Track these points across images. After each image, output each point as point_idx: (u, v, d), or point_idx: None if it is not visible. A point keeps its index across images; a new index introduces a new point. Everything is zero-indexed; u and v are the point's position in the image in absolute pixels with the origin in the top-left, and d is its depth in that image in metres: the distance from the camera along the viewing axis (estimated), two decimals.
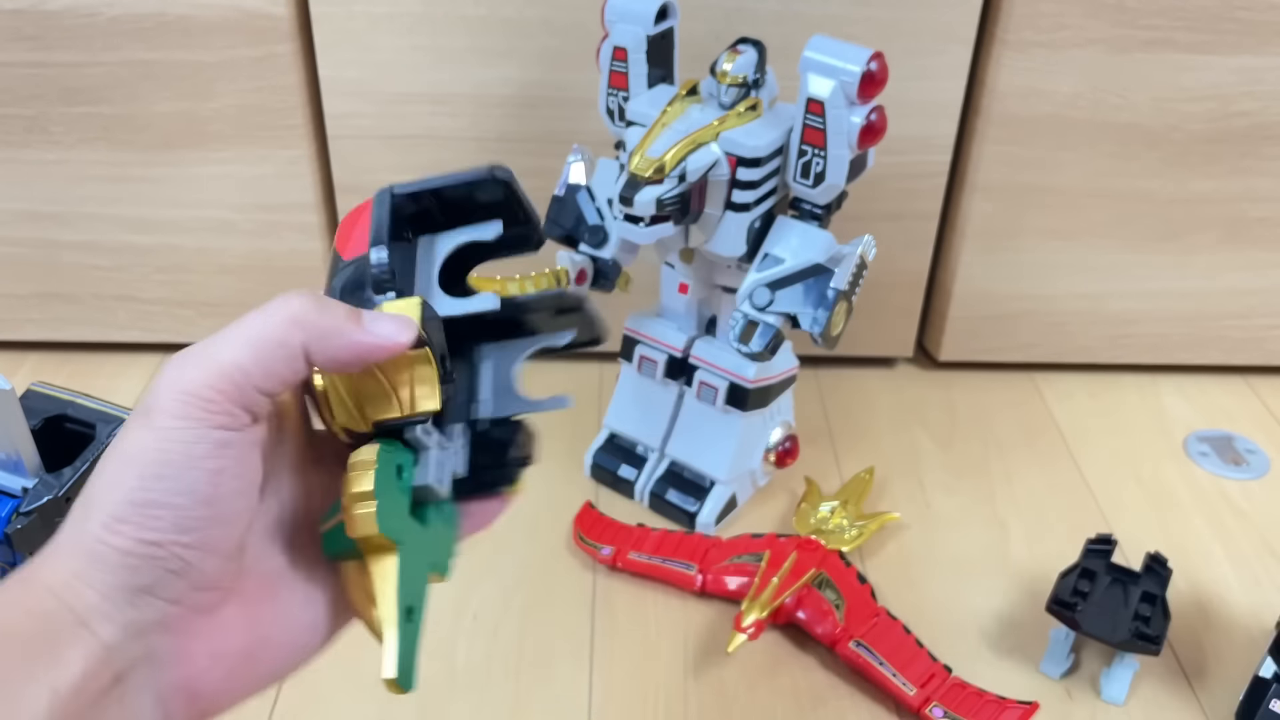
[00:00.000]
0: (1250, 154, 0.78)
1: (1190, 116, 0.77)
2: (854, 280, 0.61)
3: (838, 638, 0.62)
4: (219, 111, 0.76)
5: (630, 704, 0.60)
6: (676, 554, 0.67)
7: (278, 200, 0.80)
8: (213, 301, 0.85)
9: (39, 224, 0.81)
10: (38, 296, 0.85)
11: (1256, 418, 0.85)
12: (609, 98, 0.66)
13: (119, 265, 0.83)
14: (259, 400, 0.32)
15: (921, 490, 0.76)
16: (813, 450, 0.79)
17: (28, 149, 0.78)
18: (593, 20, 0.66)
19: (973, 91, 0.77)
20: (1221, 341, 0.88)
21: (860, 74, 0.58)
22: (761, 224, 0.64)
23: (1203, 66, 0.75)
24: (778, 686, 0.62)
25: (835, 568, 0.65)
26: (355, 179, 0.79)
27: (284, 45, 0.74)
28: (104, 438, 0.55)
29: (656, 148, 0.60)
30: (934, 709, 0.58)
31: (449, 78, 0.75)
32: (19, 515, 0.51)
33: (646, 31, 0.63)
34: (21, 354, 0.87)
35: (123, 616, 0.31)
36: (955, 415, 0.84)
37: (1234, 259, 0.83)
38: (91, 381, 0.83)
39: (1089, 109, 0.76)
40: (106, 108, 0.76)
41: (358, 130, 0.77)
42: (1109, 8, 0.72)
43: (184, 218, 0.81)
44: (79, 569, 0.31)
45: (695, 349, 0.70)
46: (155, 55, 0.74)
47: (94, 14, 0.73)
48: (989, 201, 0.80)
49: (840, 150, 0.60)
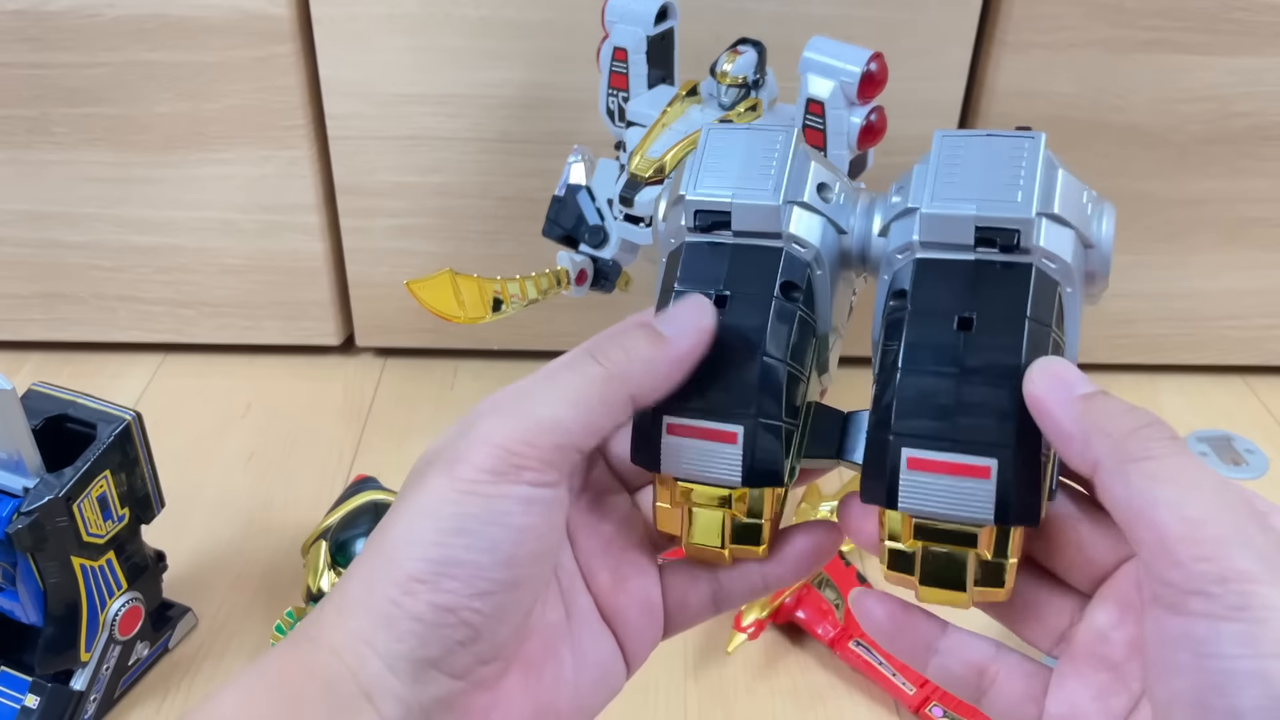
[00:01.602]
0: (1248, 155, 0.78)
1: (1189, 117, 0.77)
2: None
3: (837, 637, 0.62)
4: (220, 112, 0.77)
5: (630, 704, 0.60)
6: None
7: (279, 200, 0.80)
8: (214, 302, 0.85)
9: (41, 224, 0.82)
10: (39, 296, 0.85)
11: (1255, 418, 0.86)
12: (609, 98, 0.66)
13: (121, 265, 0.83)
14: (574, 459, 0.31)
15: None
16: None
17: (30, 150, 0.78)
18: (593, 21, 0.66)
19: (973, 91, 0.77)
20: (1220, 342, 0.88)
21: (860, 74, 0.58)
22: None
23: (1201, 67, 0.75)
24: (777, 686, 0.62)
25: (835, 568, 0.65)
26: (355, 179, 0.80)
27: (284, 46, 0.74)
28: (105, 437, 0.55)
29: (656, 148, 0.60)
30: (933, 709, 0.59)
31: (449, 78, 0.76)
32: (20, 515, 0.51)
33: (646, 32, 0.63)
34: (23, 354, 0.87)
35: (407, 693, 0.29)
36: None
37: (1233, 259, 0.83)
38: (92, 381, 0.83)
39: (1088, 110, 0.76)
40: (108, 108, 0.77)
41: (358, 130, 0.78)
42: (1108, 9, 0.72)
43: (185, 218, 0.81)
44: (367, 632, 0.29)
45: None
46: (156, 56, 0.75)
47: (95, 15, 0.73)
48: None
49: (840, 151, 0.60)
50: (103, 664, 0.57)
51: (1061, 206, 0.32)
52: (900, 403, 0.31)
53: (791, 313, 0.34)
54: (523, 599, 0.31)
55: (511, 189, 0.79)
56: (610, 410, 0.31)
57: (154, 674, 0.61)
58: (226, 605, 0.65)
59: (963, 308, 0.31)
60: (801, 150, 0.35)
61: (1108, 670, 0.32)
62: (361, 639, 0.29)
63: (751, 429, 0.33)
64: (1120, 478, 0.28)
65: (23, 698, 0.56)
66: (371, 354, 0.90)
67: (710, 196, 0.34)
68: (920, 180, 0.33)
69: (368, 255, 0.83)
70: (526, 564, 0.30)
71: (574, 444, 0.31)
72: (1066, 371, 0.30)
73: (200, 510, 0.72)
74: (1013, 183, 0.32)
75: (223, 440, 0.79)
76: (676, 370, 0.32)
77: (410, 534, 0.30)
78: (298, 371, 0.87)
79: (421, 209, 0.81)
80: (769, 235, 0.34)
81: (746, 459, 0.33)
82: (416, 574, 0.29)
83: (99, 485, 0.55)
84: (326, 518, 0.65)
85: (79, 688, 0.56)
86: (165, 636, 0.62)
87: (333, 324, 0.86)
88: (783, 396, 0.33)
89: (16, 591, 0.54)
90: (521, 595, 0.31)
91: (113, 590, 0.57)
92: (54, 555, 0.53)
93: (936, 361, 0.31)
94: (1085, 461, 0.29)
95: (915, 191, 0.33)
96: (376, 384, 0.86)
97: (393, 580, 0.29)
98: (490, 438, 0.30)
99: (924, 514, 0.32)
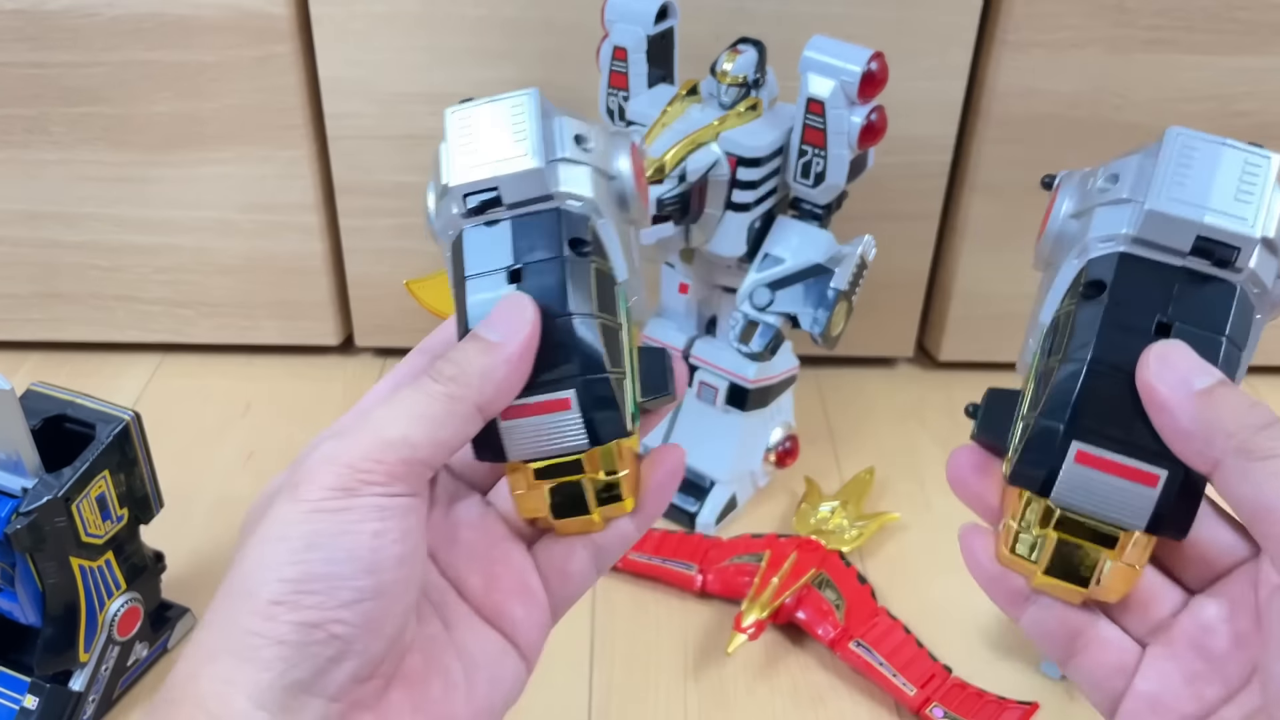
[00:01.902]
0: None
1: (1190, 116, 0.76)
2: (854, 280, 0.61)
3: (838, 638, 0.62)
4: (219, 112, 0.76)
5: (630, 704, 0.60)
6: (676, 554, 0.67)
7: (278, 200, 0.80)
8: (213, 302, 0.85)
9: (39, 224, 0.81)
10: (38, 296, 0.85)
11: None
12: (609, 98, 0.66)
13: (119, 265, 0.83)
14: (423, 476, 0.31)
15: (921, 490, 0.76)
16: (813, 450, 0.79)
17: (28, 149, 0.78)
18: (593, 20, 0.66)
19: (973, 91, 0.77)
20: None
21: (860, 74, 0.58)
22: (762, 224, 0.64)
23: (1203, 67, 0.75)
24: (777, 686, 0.62)
25: (835, 568, 0.65)
26: (355, 179, 0.79)
27: (284, 45, 0.74)
28: (104, 438, 0.55)
29: (657, 148, 0.60)
30: (934, 709, 0.58)
31: (449, 78, 0.75)
32: (19, 515, 0.51)
33: (646, 31, 0.63)
34: (21, 354, 0.87)
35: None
36: (955, 415, 0.83)
37: None
38: (91, 381, 0.83)
39: (1089, 109, 0.76)
40: (106, 108, 0.76)
41: (358, 130, 0.77)
42: (1109, 8, 0.72)
43: (184, 218, 0.81)
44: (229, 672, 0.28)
45: (695, 349, 0.70)
46: (155, 55, 0.74)
47: (94, 14, 0.73)
48: (989, 201, 0.79)
49: (840, 150, 0.60)
50: (101, 664, 0.57)
51: (1277, 232, 0.32)
52: (1082, 396, 0.31)
53: (586, 267, 0.34)
54: (391, 607, 0.30)
55: None
56: (458, 424, 0.31)
57: (153, 675, 0.61)
58: None
59: (1163, 313, 0.31)
60: (547, 107, 0.35)
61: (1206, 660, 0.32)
62: (223, 680, 0.28)
63: (582, 389, 0.33)
64: (1246, 476, 0.28)
65: (21, 698, 0.56)
66: (371, 354, 0.90)
67: (473, 177, 0.34)
68: (1143, 173, 0.32)
69: (367, 255, 0.83)
70: (389, 569, 0.30)
71: (422, 459, 0.30)
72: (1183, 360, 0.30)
73: (199, 510, 0.71)
74: (1244, 199, 0.31)
75: (222, 440, 0.79)
76: (515, 372, 0.32)
77: (261, 562, 0.29)
78: (297, 371, 0.87)
79: (421, 209, 0.80)
80: (542, 199, 0.34)
81: (587, 419, 0.33)
82: (274, 597, 0.28)
83: (98, 485, 0.54)
84: None
85: (78, 688, 0.56)
86: (164, 637, 0.62)
87: (332, 324, 0.86)
88: (602, 349, 0.33)
89: (15, 592, 0.54)
90: (390, 604, 0.30)
91: (111, 591, 0.57)
92: (52, 556, 0.53)
93: (1127, 362, 0.31)
94: (1205, 459, 0.29)
95: (1137, 183, 0.32)
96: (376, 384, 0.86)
97: (249, 611, 0.28)
98: (336, 458, 0.30)
99: (1075, 509, 0.32)
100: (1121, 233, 0.32)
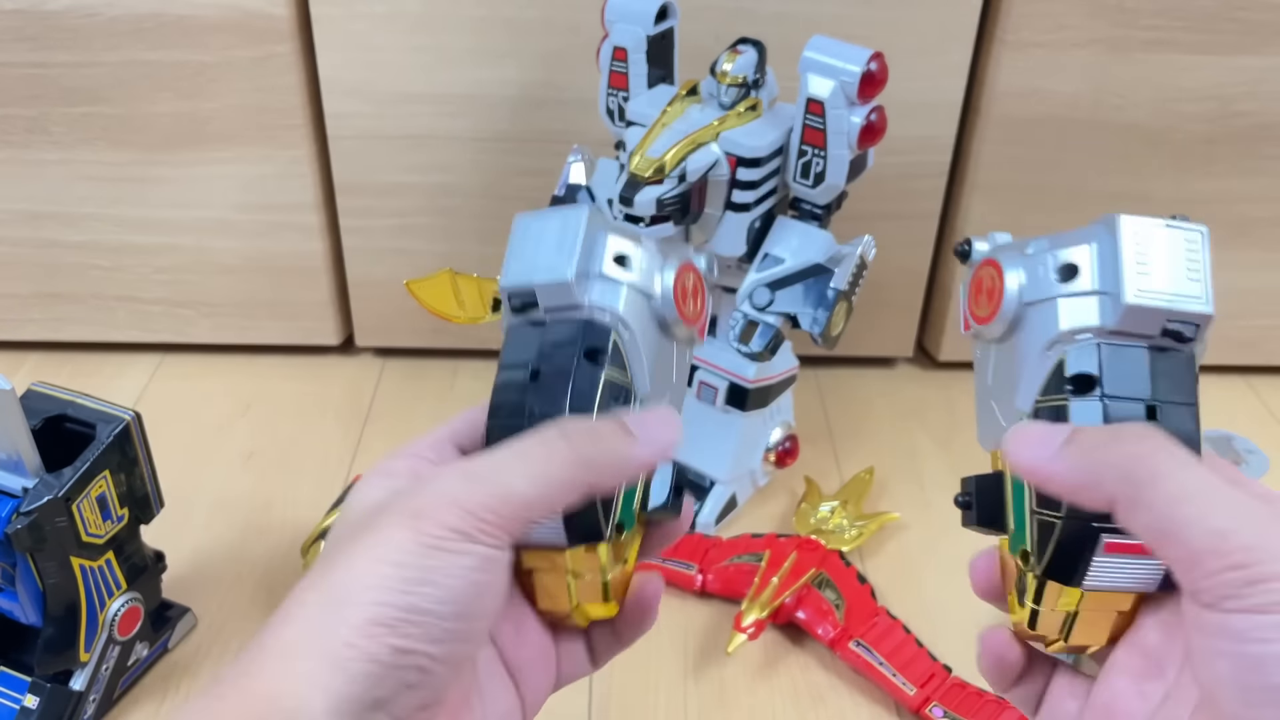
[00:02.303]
0: (1250, 154, 0.78)
1: (1190, 117, 0.77)
2: (854, 280, 0.61)
3: (838, 638, 0.62)
4: (219, 111, 0.77)
5: (630, 704, 0.60)
6: (676, 554, 0.68)
7: (278, 200, 0.80)
8: (213, 302, 0.85)
9: (39, 224, 0.81)
10: (38, 296, 0.85)
11: (1256, 418, 0.85)
12: (609, 98, 0.66)
13: (119, 265, 0.83)
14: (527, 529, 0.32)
15: (921, 490, 0.76)
16: (813, 450, 0.79)
17: (28, 149, 0.78)
18: (593, 20, 0.66)
19: (973, 91, 0.77)
20: (1220, 342, 0.87)
21: (860, 74, 0.58)
22: (761, 224, 0.64)
23: (1203, 67, 0.75)
24: (777, 686, 0.62)
25: (835, 568, 0.65)
26: (355, 179, 0.79)
27: (284, 45, 0.74)
28: (104, 438, 0.55)
29: (656, 148, 0.60)
30: (934, 709, 0.58)
31: (449, 78, 0.76)
32: (19, 515, 0.51)
33: (646, 31, 0.63)
34: (21, 354, 0.87)
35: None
36: (955, 415, 0.84)
37: (1234, 259, 0.83)
38: (91, 381, 0.83)
39: (1089, 109, 0.76)
40: (106, 108, 0.76)
41: (358, 130, 0.77)
42: (1109, 8, 0.72)
43: (184, 218, 0.81)
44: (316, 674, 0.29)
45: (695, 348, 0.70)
46: (155, 55, 0.74)
47: (94, 14, 0.73)
48: (989, 201, 0.80)
49: (840, 150, 0.60)
50: (102, 664, 0.57)
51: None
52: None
53: (595, 377, 0.36)
54: (471, 651, 0.33)
55: (511, 189, 0.79)
56: (568, 493, 0.33)
57: (153, 674, 0.61)
58: (226, 606, 0.65)
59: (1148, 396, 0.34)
60: (596, 225, 0.37)
61: (1143, 658, 0.34)
62: (309, 681, 0.29)
63: None
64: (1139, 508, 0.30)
65: (22, 698, 0.56)
66: (371, 354, 0.90)
67: (515, 282, 0.37)
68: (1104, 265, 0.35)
69: (367, 255, 0.83)
70: (477, 618, 0.32)
71: (529, 516, 0.32)
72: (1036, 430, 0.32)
73: (199, 510, 0.71)
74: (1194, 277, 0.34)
75: (222, 440, 0.79)
76: (636, 474, 0.34)
77: (367, 581, 0.30)
78: (297, 371, 0.87)
79: (421, 209, 0.81)
80: (573, 308, 0.37)
81: (566, 519, 0.35)
82: (378, 618, 0.30)
83: (98, 485, 0.54)
84: (326, 518, 0.65)
85: (78, 688, 0.56)
86: (164, 637, 0.62)
87: (332, 324, 0.86)
88: None
89: (16, 592, 0.54)
90: (470, 648, 0.32)
91: (112, 590, 0.57)
92: (53, 555, 0.53)
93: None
94: (1103, 501, 0.31)
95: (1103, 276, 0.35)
96: (376, 384, 0.86)
97: (348, 623, 0.29)
98: (460, 501, 0.31)
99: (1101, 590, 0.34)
100: (1096, 325, 0.34)
